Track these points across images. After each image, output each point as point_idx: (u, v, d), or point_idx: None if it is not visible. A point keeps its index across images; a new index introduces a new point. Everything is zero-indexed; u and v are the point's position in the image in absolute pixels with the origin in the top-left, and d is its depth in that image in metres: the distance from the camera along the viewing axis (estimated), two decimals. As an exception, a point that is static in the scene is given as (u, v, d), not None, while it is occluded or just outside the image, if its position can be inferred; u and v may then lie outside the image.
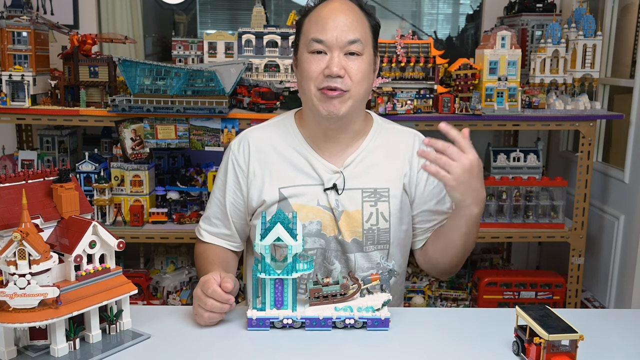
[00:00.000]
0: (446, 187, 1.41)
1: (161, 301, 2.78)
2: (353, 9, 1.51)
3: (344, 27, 1.46)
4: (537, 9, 2.84)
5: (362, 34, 1.48)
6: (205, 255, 1.63)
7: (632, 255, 2.63)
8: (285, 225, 1.27)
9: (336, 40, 1.45)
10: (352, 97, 1.48)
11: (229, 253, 1.67)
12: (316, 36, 1.47)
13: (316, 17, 1.49)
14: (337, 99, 1.46)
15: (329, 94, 1.46)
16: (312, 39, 1.47)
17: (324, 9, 1.50)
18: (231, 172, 1.62)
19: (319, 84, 1.47)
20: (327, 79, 1.45)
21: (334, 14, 1.47)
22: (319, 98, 1.48)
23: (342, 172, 1.56)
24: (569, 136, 3.29)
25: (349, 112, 1.49)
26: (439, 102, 2.59)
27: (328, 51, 1.46)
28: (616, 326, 1.39)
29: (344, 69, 1.45)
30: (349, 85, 1.46)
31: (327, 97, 1.46)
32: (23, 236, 1.08)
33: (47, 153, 2.84)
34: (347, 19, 1.47)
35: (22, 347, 1.19)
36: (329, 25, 1.46)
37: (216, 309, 1.31)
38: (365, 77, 1.49)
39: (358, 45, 1.46)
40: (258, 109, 2.51)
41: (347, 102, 1.48)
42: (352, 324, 1.31)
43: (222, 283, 1.32)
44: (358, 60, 1.47)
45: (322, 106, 1.48)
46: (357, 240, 1.57)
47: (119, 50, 3.09)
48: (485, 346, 1.27)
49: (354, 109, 1.51)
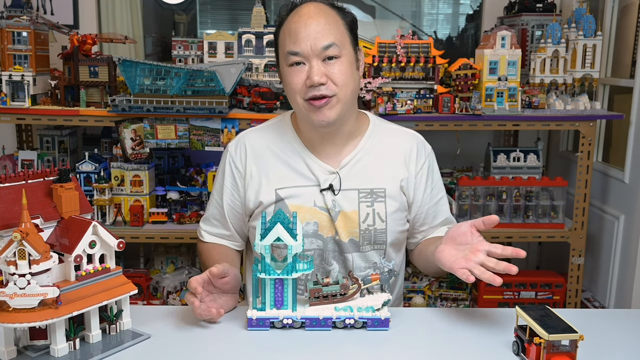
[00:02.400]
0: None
1: (161, 301, 2.78)
2: (323, 11, 1.48)
3: (316, 34, 1.43)
4: (537, 9, 2.84)
5: (337, 35, 1.46)
6: (209, 254, 1.64)
7: (632, 255, 2.63)
8: (285, 225, 1.27)
9: (311, 49, 1.44)
10: (339, 101, 1.48)
11: (232, 250, 1.68)
12: (291, 49, 1.45)
13: (288, 29, 1.47)
14: (325, 107, 1.46)
15: (316, 104, 1.46)
16: (288, 52, 1.46)
17: (294, 17, 1.47)
18: (228, 174, 1.62)
19: (304, 95, 1.46)
20: (310, 89, 1.45)
21: (304, 23, 1.45)
22: (307, 108, 1.48)
23: (338, 173, 1.56)
24: (569, 136, 3.29)
25: (340, 115, 1.49)
26: (439, 102, 2.59)
27: (306, 61, 1.45)
28: (616, 326, 1.39)
29: (325, 75, 1.44)
30: (334, 90, 1.46)
31: (314, 107, 1.46)
32: (23, 236, 1.08)
33: (47, 153, 2.84)
34: (318, 25, 1.44)
35: (22, 347, 1.19)
36: (301, 35, 1.44)
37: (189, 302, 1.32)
38: (348, 77, 1.48)
39: (334, 49, 1.45)
40: (258, 109, 2.51)
41: (336, 107, 1.48)
42: (352, 324, 1.31)
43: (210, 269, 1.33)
44: (338, 63, 1.46)
45: (312, 116, 1.48)
46: (354, 241, 1.57)
47: (119, 50, 3.09)
48: (485, 346, 1.27)
49: (344, 111, 1.51)
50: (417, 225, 1.66)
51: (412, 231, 1.68)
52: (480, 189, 2.71)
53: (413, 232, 1.68)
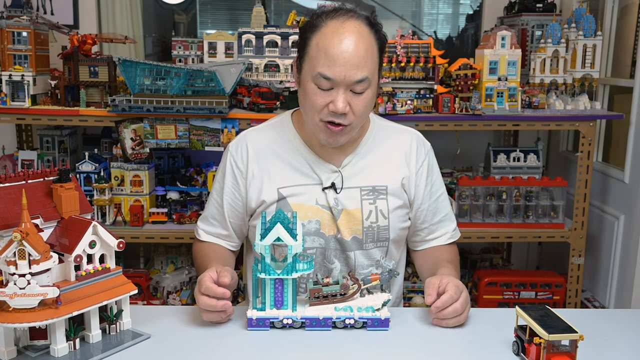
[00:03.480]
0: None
1: (161, 301, 2.78)
2: (364, 36, 1.42)
3: (353, 66, 1.40)
4: (537, 9, 2.84)
5: (371, 68, 1.44)
6: (204, 252, 1.64)
7: (632, 255, 2.63)
8: (285, 225, 1.27)
9: (344, 78, 1.41)
10: (353, 128, 1.49)
11: (227, 251, 1.68)
12: (324, 73, 1.41)
13: (325, 46, 1.41)
14: (339, 134, 1.47)
15: (332, 129, 1.46)
16: (320, 73, 1.42)
17: (334, 37, 1.41)
18: (229, 174, 1.62)
19: (323, 117, 1.46)
20: (331, 114, 1.44)
21: (345, 49, 1.39)
22: (321, 128, 1.48)
23: (340, 171, 1.57)
24: (569, 136, 3.29)
25: (350, 137, 1.52)
26: (439, 102, 2.59)
27: (334, 86, 1.43)
28: (616, 326, 1.39)
29: (349, 105, 1.44)
30: (351, 120, 1.46)
31: (330, 131, 1.47)
32: (23, 236, 1.08)
33: (47, 153, 2.84)
34: (358, 54, 1.40)
35: (22, 347, 1.19)
36: (338, 62, 1.39)
37: (209, 306, 1.30)
38: (368, 108, 1.49)
39: (365, 84, 1.43)
40: (258, 109, 2.51)
41: (349, 133, 1.50)
42: (352, 324, 1.31)
43: (219, 278, 1.32)
44: (363, 96, 1.45)
45: (323, 136, 1.49)
46: (357, 238, 1.58)
47: (119, 50, 3.09)
48: (485, 346, 1.27)
49: (354, 133, 1.53)
50: (418, 222, 1.66)
51: (414, 229, 1.68)
52: (480, 189, 2.71)
53: (415, 230, 1.68)
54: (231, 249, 1.69)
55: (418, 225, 1.67)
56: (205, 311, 1.32)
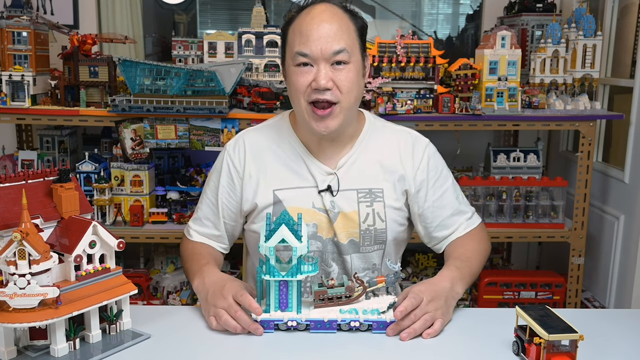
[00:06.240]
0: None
1: (161, 301, 2.78)
2: (337, 14, 1.45)
3: (328, 38, 1.42)
4: (537, 9, 2.84)
5: (348, 41, 1.45)
6: (197, 252, 1.60)
7: (632, 255, 2.63)
8: (290, 226, 1.26)
9: (321, 52, 1.42)
10: (342, 109, 1.47)
11: (217, 252, 1.66)
12: (300, 49, 1.43)
13: (299, 28, 1.44)
14: (327, 118, 1.45)
15: (319, 113, 1.45)
16: (297, 52, 1.44)
17: (306, 17, 1.44)
18: (225, 173, 1.61)
19: (308, 97, 1.45)
20: (315, 92, 1.43)
21: (317, 24, 1.42)
22: (309, 114, 1.47)
23: (336, 174, 1.56)
24: (569, 136, 3.29)
25: (341, 124, 1.49)
26: (439, 102, 2.59)
27: (314, 63, 1.44)
28: (616, 326, 1.39)
29: (332, 81, 1.43)
30: (338, 97, 1.44)
31: (317, 116, 1.45)
32: (23, 236, 1.08)
33: (47, 153, 2.84)
34: (331, 28, 1.42)
35: (22, 347, 1.19)
36: (313, 36, 1.42)
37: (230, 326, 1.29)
38: (354, 85, 1.47)
39: (344, 55, 1.43)
40: (258, 109, 2.51)
41: (339, 116, 1.47)
42: (357, 327, 1.30)
43: (253, 307, 1.29)
44: (345, 69, 1.45)
45: (313, 123, 1.47)
46: (354, 241, 1.56)
47: (119, 50, 3.09)
48: (485, 346, 1.27)
49: (345, 119, 1.50)
50: (428, 222, 1.61)
51: (427, 231, 1.63)
52: (480, 189, 2.71)
53: (428, 232, 1.63)
54: (222, 250, 1.67)
55: (429, 225, 1.61)
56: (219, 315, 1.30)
